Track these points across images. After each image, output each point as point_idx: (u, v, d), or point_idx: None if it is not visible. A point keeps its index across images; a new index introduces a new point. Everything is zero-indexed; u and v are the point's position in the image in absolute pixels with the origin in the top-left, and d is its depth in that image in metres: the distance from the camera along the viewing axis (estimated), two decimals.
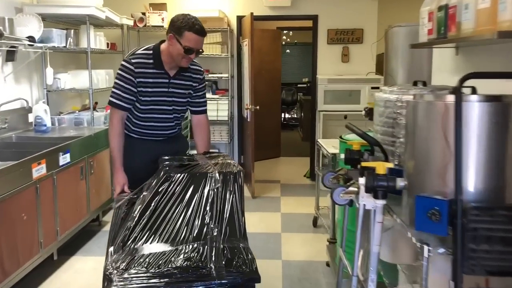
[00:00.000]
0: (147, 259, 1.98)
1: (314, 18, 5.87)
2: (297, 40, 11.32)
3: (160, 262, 1.99)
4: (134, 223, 2.06)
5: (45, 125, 4.11)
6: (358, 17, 5.81)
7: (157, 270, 1.95)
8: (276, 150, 7.64)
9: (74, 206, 3.67)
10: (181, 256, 2.00)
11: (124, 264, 1.97)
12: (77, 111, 4.73)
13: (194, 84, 2.69)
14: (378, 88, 5.66)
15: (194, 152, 2.84)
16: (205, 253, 2.03)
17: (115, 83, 2.58)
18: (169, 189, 2.07)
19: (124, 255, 1.99)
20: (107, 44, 5.04)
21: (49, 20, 4.48)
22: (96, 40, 4.69)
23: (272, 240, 4.08)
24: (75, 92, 4.91)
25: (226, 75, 5.82)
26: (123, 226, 2.12)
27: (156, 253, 2.00)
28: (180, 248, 2.02)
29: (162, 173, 2.15)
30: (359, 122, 5.92)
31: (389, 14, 6.35)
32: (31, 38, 3.76)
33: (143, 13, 5.54)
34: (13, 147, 3.63)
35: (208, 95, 5.39)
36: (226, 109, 5.81)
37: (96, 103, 5.07)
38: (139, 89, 2.55)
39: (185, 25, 2.41)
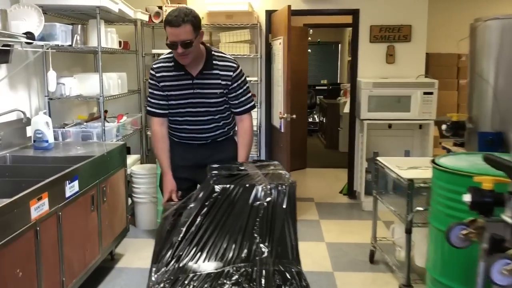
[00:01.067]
0: (191, 282, 1.86)
1: (355, 13, 5.10)
2: (320, 39, 10.55)
3: (206, 286, 1.86)
4: (180, 239, 1.94)
5: (47, 141, 3.36)
6: (406, 12, 5.04)
7: None
8: (302, 161, 6.89)
9: (83, 247, 2.92)
10: (228, 280, 1.87)
11: (168, 286, 1.86)
12: (84, 122, 3.97)
13: (224, 83, 2.49)
14: (431, 93, 4.93)
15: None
16: (254, 277, 1.88)
17: (148, 91, 2.62)
18: (217, 202, 1.94)
19: (168, 275, 1.87)
20: (119, 42, 4.28)
21: (50, 13, 3.74)
22: (108, 37, 3.93)
23: (325, 283, 3.32)
24: (82, 100, 4.16)
25: (255, 78, 5.06)
26: (168, 240, 1.99)
27: (202, 274, 1.88)
28: (227, 270, 1.89)
29: (209, 183, 2.00)
30: (405, 132, 5.22)
31: (441, 9, 5.61)
32: (29, 35, 3.00)
33: (160, 7, 4.78)
34: (7, 172, 2.87)
35: None
36: (255, 117, 5.05)
37: (106, 111, 4.32)
38: (165, 93, 2.53)
39: (165, 19, 2.34)
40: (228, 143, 2.67)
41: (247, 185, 1.97)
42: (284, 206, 1.99)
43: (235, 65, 2.53)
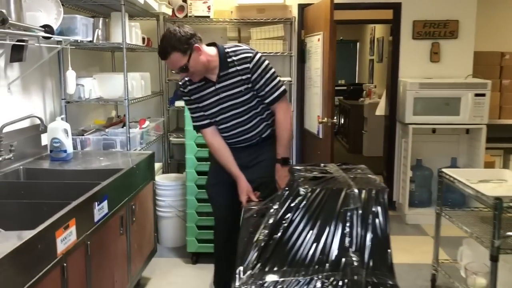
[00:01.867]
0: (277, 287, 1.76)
1: (396, 7, 4.66)
2: (343, 37, 10.10)
3: None
4: (264, 243, 1.85)
5: (65, 151, 2.93)
6: (452, 6, 4.59)
7: None
8: None
9: (112, 277, 2.48)
10: None
11: None
12: (105, 129, 3.53)
13: (245, 77, 2.39)
14: (484, 95, 4.49)
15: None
16: None
17: (187, 109, 2.66)
18: (302, 205, 1.83)
19: (254, 279, 1.79)
20: (143, 39, 3.84)
21: (67, 5, 3.30)
22: (132, 33, 3.49)
23: None
24: (103, 103, 3.72)
25: (289, 78, 4.61)
26: (251, 242, 1.91)
27: (288, 281, 1.77)
28: (315, 279, 1.76)
29: (294, 185, 1.90)
30: (450, 137, 4.74)
31: (485, 4, 5.15)
32: (48, 29, 2.56)
33: (184, 0, 4.35)
34: (22, 190, 2.42)
35: None
36: None
37: (125, 116, 3.88)
38: (200, 104, 2.51)
39: None
40: (270, 141, 2.57)
41: (334, 188, 1.84)
42: (376, 213, 1.82)
43: (250, 54, 2.39)
